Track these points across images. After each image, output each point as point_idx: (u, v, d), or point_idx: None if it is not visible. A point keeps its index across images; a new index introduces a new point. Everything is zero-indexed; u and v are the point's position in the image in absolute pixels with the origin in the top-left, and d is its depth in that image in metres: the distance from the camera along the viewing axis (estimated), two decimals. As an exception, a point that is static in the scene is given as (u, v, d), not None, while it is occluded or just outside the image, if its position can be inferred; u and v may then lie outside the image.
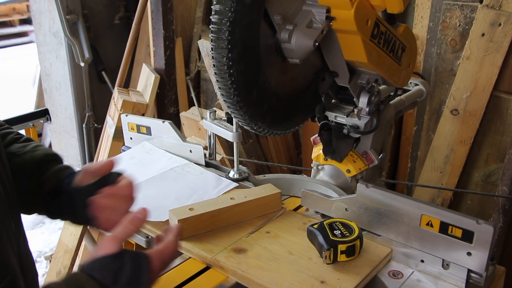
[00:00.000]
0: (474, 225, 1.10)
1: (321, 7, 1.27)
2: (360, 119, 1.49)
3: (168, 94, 3.37)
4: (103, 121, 3.45)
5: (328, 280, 1.16)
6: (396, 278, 1.22)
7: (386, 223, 1.26)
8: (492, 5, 2.22)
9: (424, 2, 2.45)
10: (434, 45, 2.46)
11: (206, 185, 1.55)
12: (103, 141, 3.34)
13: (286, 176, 1.66)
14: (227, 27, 1.18)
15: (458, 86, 2.38)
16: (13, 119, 2.07)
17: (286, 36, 1.28)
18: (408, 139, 2.71)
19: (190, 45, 3.61)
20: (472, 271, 1.15)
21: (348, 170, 1.55)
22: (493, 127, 2.37)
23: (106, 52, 3.62)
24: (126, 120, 1.84)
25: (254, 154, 2.95)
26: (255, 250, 1.28)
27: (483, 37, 2.26)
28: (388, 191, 1.25)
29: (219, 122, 1.62)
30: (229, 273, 1.23)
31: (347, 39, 1.32)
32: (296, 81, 1.46)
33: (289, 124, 1.52)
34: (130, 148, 1.83)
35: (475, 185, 2.52)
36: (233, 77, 1.24)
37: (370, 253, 1.25)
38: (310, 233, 1.27)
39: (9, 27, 5.37)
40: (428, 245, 1.20)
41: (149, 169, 1.65)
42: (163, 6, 3.15)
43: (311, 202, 1.42)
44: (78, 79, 3.52)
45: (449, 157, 2.48)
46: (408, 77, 1.59)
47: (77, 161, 3.73)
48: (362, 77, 1.46)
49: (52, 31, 3.49)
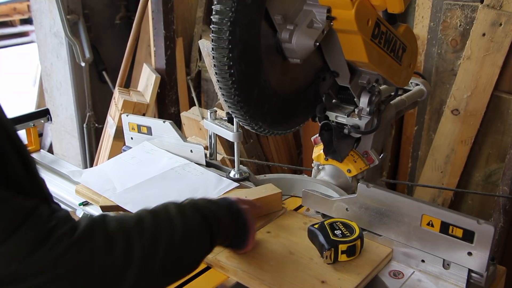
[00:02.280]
0: (474, 225, 1.10)
1: (322, 7, 1.27)
2: (361, 119, 1.49)
3: (169, 94, 3.37)
4: (103, 121, 3.45)
5: (329, 280, 1.16)
6: (396, 278, 1.22)
7: (387, 223, 1.26)
8: (492, 5, 2.22)
9: (425, 2, 2.45)
10: (435, 45, 2.46)
11: (207, 185, 1.55)
12: (103, 141, 3.35)
13: (286, 176, 1.66)
14: (227, 27, 1.19)
15: (458, 86, 2.38)
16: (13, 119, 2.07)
17: (287, 36, 1.28)
18: (408, 139, 2.71)
19: (191, 45, 3.61)
20: (472, 271, 1.15)
21: (348, 170, 1.55)
22: (493, 127, 2.37)
23: (107, 52, 3.62)
24: (127, 120, 1.84)
25: (254, 154, 2.95)
26: (255, 250, 1.28)
27: (483, 37, 2.26)
28: (389, 191, 1.25)
29: (220, 122, 1.62)
30: (230, 273, 1.23)
31: (347, 39, 1.32)
32: (297, 81, 1.46)
33: (289, 124, 1.52)
34: (131, 148, 1.83)
35: (475, 185, 2.51)
36: (233, 77, 1.24)
37: (371, 253, 1.25)
38: (310, 233, 1.27)
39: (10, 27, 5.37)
40: (429, 245, 1.20)
41: (149, 169, 1.65)
42: (164, 6, 3.15)
43: (312, 202, 1.42)
44: (78, 79, 3.52)
45: (449, 157, 2.48)
46: (409, 77, 1.59)
47: (78, 161, 3.73)
48: (362, 77, 1.46)
49: (53, 31, 3.49)
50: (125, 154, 1.78)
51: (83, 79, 3.52)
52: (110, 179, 1.59)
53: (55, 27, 3.45)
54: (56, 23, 3.41)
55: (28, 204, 0.81)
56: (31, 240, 0.78)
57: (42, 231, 0.79)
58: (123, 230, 0.90)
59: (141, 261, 0.89)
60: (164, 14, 3.16)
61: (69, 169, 1.78)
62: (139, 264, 0.88)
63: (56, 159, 1.96)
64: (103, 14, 3.61)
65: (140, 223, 0.94)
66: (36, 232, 0.79)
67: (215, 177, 1.59)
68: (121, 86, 3.30)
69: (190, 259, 1.03)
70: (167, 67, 3.29)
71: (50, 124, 3.78)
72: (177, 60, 3.39)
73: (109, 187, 1.55)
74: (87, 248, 0.83)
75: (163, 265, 0.93)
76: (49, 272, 0.79)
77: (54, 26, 3.46)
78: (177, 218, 1.00)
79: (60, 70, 3.59)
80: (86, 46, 3.41)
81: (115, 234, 0.88)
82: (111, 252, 0.85)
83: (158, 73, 3.26)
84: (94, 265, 0.83)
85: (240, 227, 1.20)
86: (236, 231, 1.19)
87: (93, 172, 1.69)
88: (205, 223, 1.06)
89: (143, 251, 0.89)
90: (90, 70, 3.55)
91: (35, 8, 3.57)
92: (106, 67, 3.62)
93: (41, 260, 0.78)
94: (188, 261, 1.02)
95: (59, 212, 0.86)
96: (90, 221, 0.88)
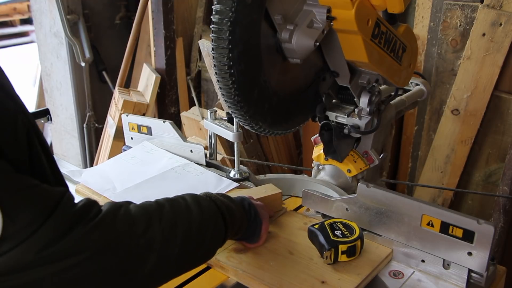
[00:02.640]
0: (474, 225, 1.10)
1: (322, 7, 1.27)
2: (361, 119, 1.49)
3: (169, 94, 3.37)
4: (103, 121, 3.45)
5: (329, 280, 1.16)
6: (396, 278, 1.22)
7: (387, 223, 1.26)
8: (492, 5, 2.22)
9: (425, 2, 2.45)
10: (435, 45, 2.46)
11: (207, 185, 1.55)
12: (103, 141, 3.35)
13: (286, 176, 1.66)
14: (227, 27, 1.18)
15: (458, 86, 2.38)
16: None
17: (287, 36, 1.28)
18: (408, 139, 2.71)
19: (191, 45, 3.61)
20: (472, 271, 1.15)
21: (348, 170, 1.55)
22: (493, 127, 2.37)
23: (107, 52, 3.62)
24: (127, 120, 1.84)
25: (254, 154, 2.95)
26: (255, 250, 1.28)
27: (483, 37, 2.26)
28: (389, 191, 1.25)
29: (220, 122, 1.62)
30: (230, 273, 1.23)
31: (347, 39, 1.32)
32: (297, 81, 1.45)
33: (289, 124, 1.51)
34: (131, 148, 1.83)
35: (475, 185, 2.52)
36: (233, 77, 1.24)
37: (371, 253, 1.25)
38: (310, 233, 1.27)
39: (10, 27, 5.36)
40: (429, 245, 1.20)
41: (149, 168, 1.65)
42: (164, 6, 3.15)
43: (312, 202, 1.42)
44: (78, 79, 3.52)
45: (449, 157, 2.48)
46: (409, 77, 1.59)
47: (78, 161, 3.73)
48: (362, 77, 1.46)
49: (53, 31, 3.49)
50: (125, 154, 1.78)
51: (83, 79, 3.52)
52: (110, 178, 1.59)
53: (55, 27, 3.45)
54: (56, 23, 3.41)
55: (58, 191, 0.85)
56: (63, 225, 0.82)
57: (72, 216, 0.84)
58: (144, 215, 0.95)
59: (162, 245, 0.93)
60: (164, 14, 3.16)
61: (69, 169, 1.78)
62: (160, 247, 0.93)
63: (56, 159, 1.95)
64: (103, 14, 3.61)
65: (160, 208, 0.99)
66: (67, 217, 0.83)
67: (215, 177, 1.59)
68: (121, 86, 3.30)
69: (206, 246, 1.07)
70: (167, 67, 3.29)
71: (50, 124, 3.79)
72: (177, 60, 3.39)
73: (109, 187, 1.55)
74: (111, 230, 0.87)
75: (181, 250, 0.98)
76: (79, 253, 0.83)
77: (54, 26, 3.46)
78: (194, 206, 1.05)
79: (60, 70, 3.59)
80: (86, 46, 3.41)
81: (137, 218, 0.93)
82: (134, 235, 0.90)
83: (158, 73, 3.26)
84: (118, 246, 0.87)
85: (252, 220, 1.24)
86: (249, 224, 1.23)
87: (93, 172, 1.69)
88: (219, 213, 1.10)
89: (163, 235, 0.94)
90: (90, 70, 3.55)
91: (35, 8, 3.57)
92: (106, 67, 3.62)
93: (71, 244, 0.82)
94: (204, 248, 1.07)
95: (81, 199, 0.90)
96: (113, 205, 0.93)
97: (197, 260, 1.08)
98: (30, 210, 0.79)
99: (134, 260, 0.90)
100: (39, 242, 0.79)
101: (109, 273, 0.87)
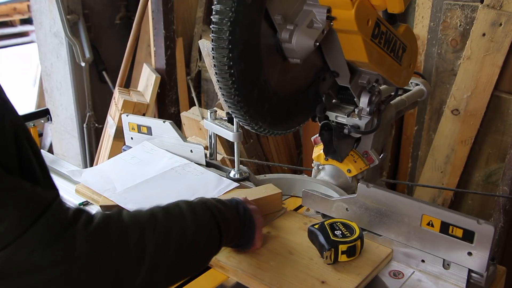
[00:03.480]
0: (474, 225, 1.10)
1: (321, 7, 1.27)
2: (361, 119, 1.49)
3: (169, 94, 3.37)
4: (103, 121, 3.45)
5: (329, 281, 1.16)
6: (396, 278, 1.22)
7: (387, 223, 1.26)
8: (492, 5, 2.22)
9: (425, 2, 2.45)
10: (435, 45, 2.46)
11: (207, 185, 1.55)
12: (103, 141, 3.35)
13: (286, 176, 1.66)
14: (227, 27, 1.18)
15: (458, 86, 2.38)
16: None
17: (287, 36, 1.28)
18: (408, 139, 2.71)
19: (191, 45, 3.61)
20: (472, 271, 1.15)
21: (348, 170, 1.55)
22: (493, 127, 2.37)
23: (107, 52, 3.62)
24: (127, 120, 1.84)
25: (254, 154, 2.95)
26: (255, 250, 1.28)
27: (483, 37, 2.26)
28: (389, 191, 1.25)
29: (220, 122, 1.62)
30: (230, 273, 1.23)
31: (347, 39, 1.32)
32: (297, 81, 1.45)
33: (289, 124, 1.51)
34: (131, 148, 1.83)
35: (475, 185, 2.52)
36: (233, 77, 1.24)
37: (371, 253, 1.25)
38: (310, 233, 1.27)
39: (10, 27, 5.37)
40: (429, 245, 1.20)
41: (149, 168, 1.65)
42: (164, 6, 3.15)
43: (312, 202, 1.42)
44: (78, 79, 3.52)
45: (449, 157, 2.48)
46: (409, 77, 1.59)
47: (78, 161, 3.73)
48: (362, 77, 1.46)
49: (53, 31, 3.49)
50: (125, 154, 1.78)
51: (83, 79, 3.52)
52: (110, 178, 1.59)
53: (55, 27, 3.45)
54: (56, 23, 3.41)
55: (48, 195, 0.83)
56: (54, 230, 0.80)
57: (63, 222, 0.81)
58: (136, 224, 0.92)
59: (154, 255, 0.91)
60: (164, 14, 3.17)
61: (69, 169, 1.78)
62: (152, 258, 0.91)
63: (56, 159, 1.95)
64: (103, 14, 3.61)
65: (153, 218, 0.96)
66: (57, 222, 0.81)
67: (215, 177, 1.59)
68: (121, 86, 3.30)
69: (200, 256, 1.06)
70: (167, 67, 3.29)
71: (50, 124, 3.78)
72: (177, 60, 3.39)
73: (109, 187, 1.55)
74: (103, 240, 0.85)
75: (174, 260, 0.96)
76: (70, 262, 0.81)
77: (54, 26, 3.46)
78: (188, 215, 1.03)
79: (60, 70, 3.59)
80: (86, 46, 3.41)
81: (129, 228, 0.91)
82: (126, 245, 0.88)
83: (158, 73, 3.26)
84: (111, 256, 0.85)
85: (247, 226, 1.22)
86: (243, 231, 1.22)
87: (93, 172, 1.69)
88: (214, 221, 1.09)
89: (156, 245, 0.92)
90: (90, 70, 3.55)
91: (35, 8, 3.57)
92: (106, 67, 3.62)
93: (62, 251, 0.80)
94: (198, 258, 1.05)
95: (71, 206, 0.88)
96: (105, 215, 0.90)
97: (190, 269, 1.07)
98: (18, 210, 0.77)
99: (126, 271, 0.88)
100: (28, 245, 0.77)
101: (100, 283, 0.85)
